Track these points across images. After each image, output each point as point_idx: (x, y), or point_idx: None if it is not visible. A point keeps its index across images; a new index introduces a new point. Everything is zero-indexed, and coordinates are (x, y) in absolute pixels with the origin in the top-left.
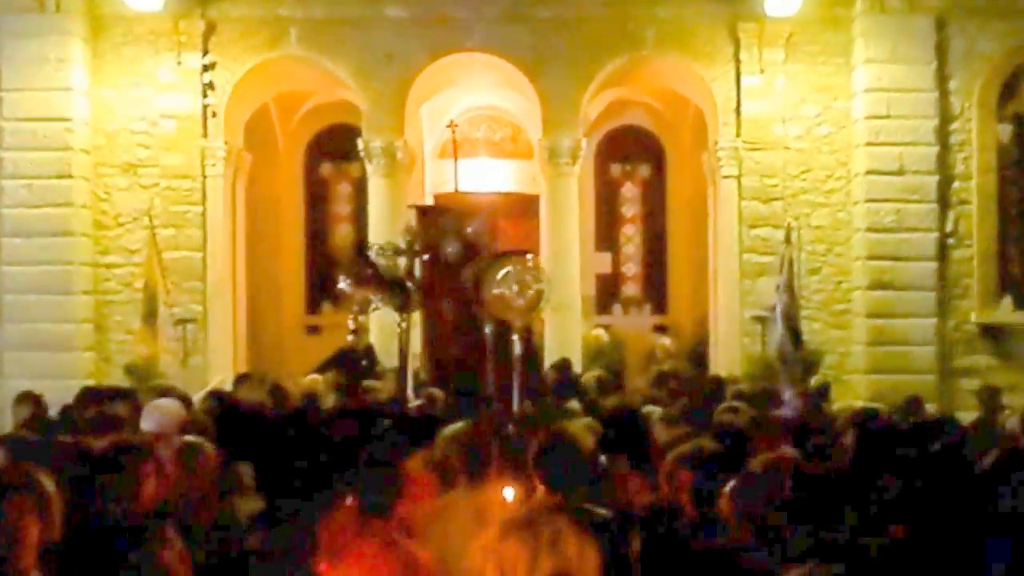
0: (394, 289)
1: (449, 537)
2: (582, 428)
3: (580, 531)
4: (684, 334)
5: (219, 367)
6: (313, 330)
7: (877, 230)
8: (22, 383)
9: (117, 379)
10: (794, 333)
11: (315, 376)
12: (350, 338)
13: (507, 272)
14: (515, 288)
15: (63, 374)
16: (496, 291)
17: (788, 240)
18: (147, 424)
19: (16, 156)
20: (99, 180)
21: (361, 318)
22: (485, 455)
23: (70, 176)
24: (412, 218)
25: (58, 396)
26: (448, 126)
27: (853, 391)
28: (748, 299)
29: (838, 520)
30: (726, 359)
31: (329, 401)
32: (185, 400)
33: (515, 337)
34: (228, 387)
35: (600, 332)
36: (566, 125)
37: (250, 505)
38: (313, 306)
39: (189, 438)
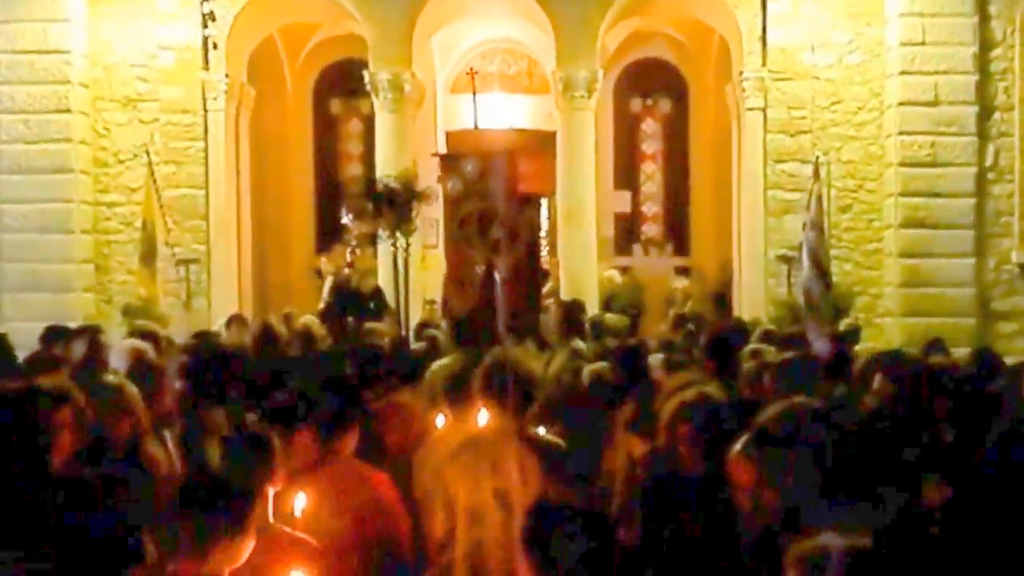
0: (399, 223)
1: (432, 465)
2: (531, 354)
3: (524, 455)
4: (707, 276)
5: (224, 310)
6: (321, 273)
7: (911, 164)
8: (21, 325)
9: (117, 321)
10: (822, 274)
11: (311, 317)
12: (346, 271)
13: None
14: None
15: (63, 315)
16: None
17: (817, 175)
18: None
19: (13, 90)
20: (98, 115)
21: (358, 252)
22: (465, 388)
23: (68, 111)
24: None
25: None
26: (468, 73)
27: (885, 335)
28: (773, 238)
29: (868, 481)
30: (750, 302)
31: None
32: (164, 342)
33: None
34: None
35: (613, 274)
36: (582, 56)
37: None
38: (323, 248)
39: (109, 378)
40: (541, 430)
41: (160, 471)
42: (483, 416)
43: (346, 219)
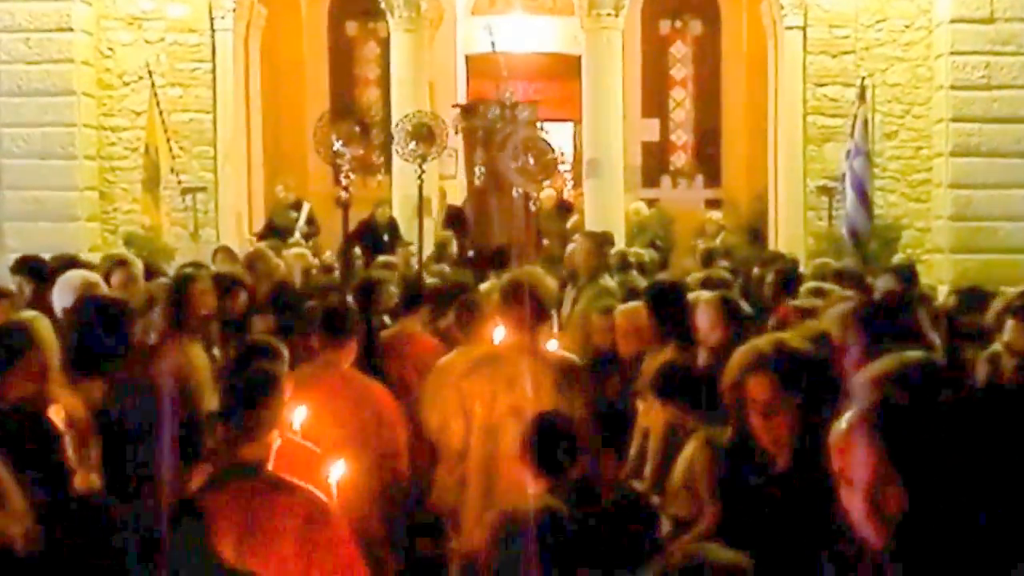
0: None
1: (451, 380)
2: (543, 273)
3: (539, 371)
4: (740, 209)
5: (232, 242)
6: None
7: (963, 87)
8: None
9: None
10: (868, 205)
11: (301, 250)
12: (343, 195)
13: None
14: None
15: (65, 245)
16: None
17: (862, 98)
18: (57, 302)
19: (13, 6)
20: (102, 34)
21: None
22: (478, 314)
23: (71, 29)
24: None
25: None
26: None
27: (934, 272)
28: (813, 168)
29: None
30: (788, 236)
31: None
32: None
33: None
34: None
35: (640, 205)
36: None
37: None
38: (340, 177)
39: (27, 314)
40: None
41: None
42: (500, 333)
43: (337, 145)
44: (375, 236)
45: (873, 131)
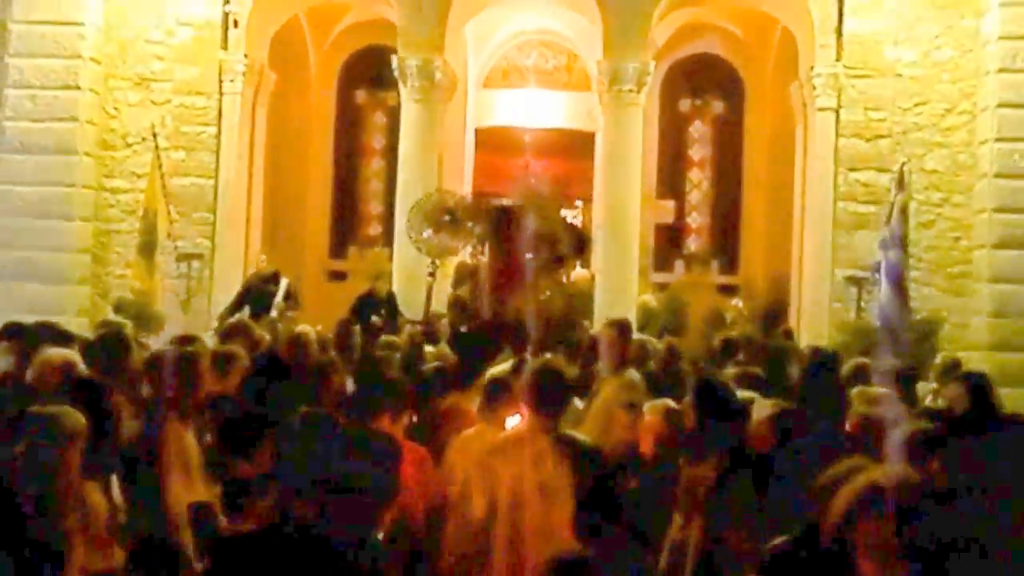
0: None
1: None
2: (563, 361)
3: (560, 453)
4: (756, 297)
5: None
6: (337, 276)
7: (1008, 176)
8: (10, 317)
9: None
10: (905, 299)
11: (305, 326)
12: (428, 279)
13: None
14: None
15: (55, 308)
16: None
17: (901, 184)
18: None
19: (22, 63)
20: (108, 94)
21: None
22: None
23: (77, 87)
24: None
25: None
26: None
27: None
28: (842, 256)
29: None
30: (811, 327)
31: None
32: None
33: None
34: None
35: (648, 299)
36: (632, 45)
37: None
38: (338, 250)
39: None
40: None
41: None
42: (522, 416)
43: (427, 233)
44: (374, 311)
45: (910, 220)
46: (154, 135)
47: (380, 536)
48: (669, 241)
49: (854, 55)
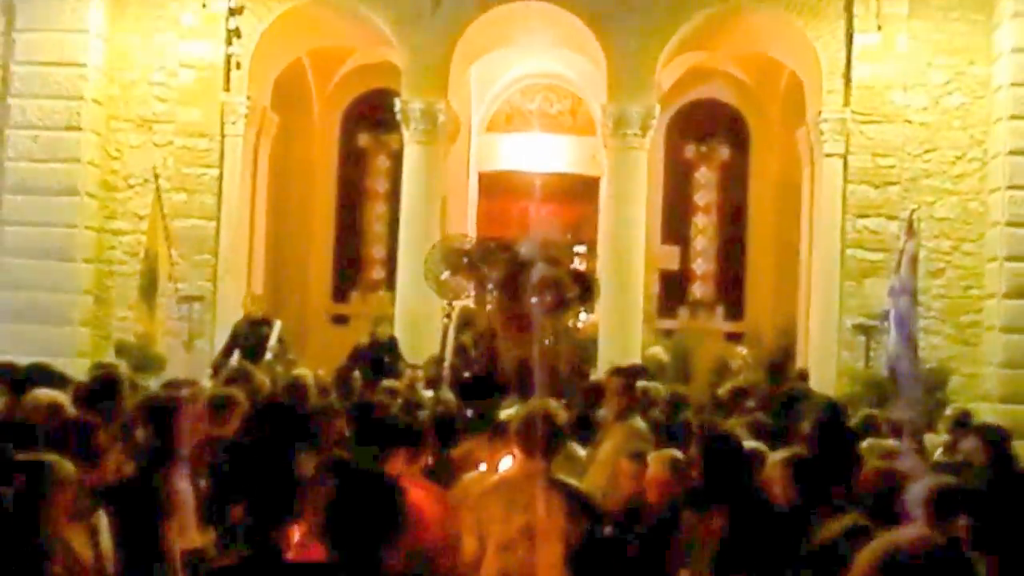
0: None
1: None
2: (558, 407)
3: (551, 497)
4: (762, 345)
5: None
6: (339, 320)
7: (1019, 224)
8: (11, 358)
9: (111, 358)
10: (915, 347)
11: (303, 370)
12: (445, 320)
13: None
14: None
15: (56, 349)
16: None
17: (911, 231)
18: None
19: (25, 103)
20: (111, 135)
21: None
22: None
23: (79, 128)
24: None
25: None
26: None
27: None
28: (850, 304)
29: None
30: (820, 376)
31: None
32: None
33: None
34: None
35: (658, 351)
36: (637, 89)
37: None
38: (340, 294)
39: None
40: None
41: None
42: (515, 459)
43: (445, 275)
44: (375, 356)
45: (919, 268)
46: (156, 177)
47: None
48: (674, 287)
49: (863, 101)
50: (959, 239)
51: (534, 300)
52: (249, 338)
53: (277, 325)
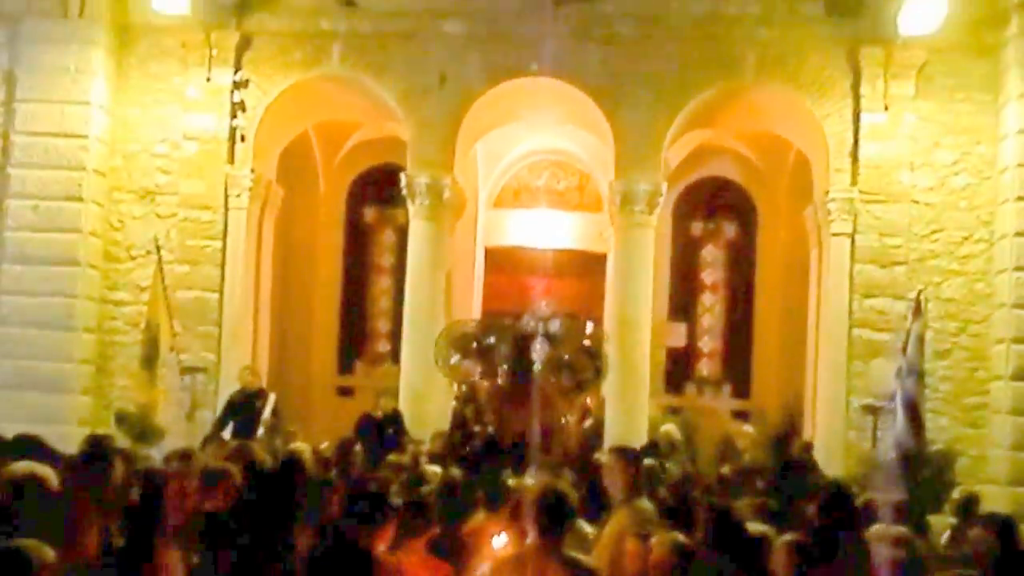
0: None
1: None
2: (570, 486)
3: (564, 573)
4: (769, 423)
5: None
6: (344, 392)
7: None
8: (11, 426)
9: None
10: (921, 429)
11: (301, 444)
12: (454, 403)
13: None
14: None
15: (56, 418)
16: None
17: (919, 312)
18: None
19: (24, 174)
20: (113, 206)
21: (461, 388)
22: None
23: (80, 199)
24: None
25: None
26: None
27: (989, 506)
28: (857, 384)
29: None
30: (826, 456)
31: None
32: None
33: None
34: None
35: (671, 429)
36: (645, 166)
37: None
38: (345, 366)
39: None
40: None
41: None
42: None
43: (455, 359)
44: (379, 429)
45: (926, 349)
46: (157, 248)
47: None
48: (680, 364)
49: (870, 180)
50: (965, 320)
51: (551, 380)
52: (243, 411)
53: (271, 398)
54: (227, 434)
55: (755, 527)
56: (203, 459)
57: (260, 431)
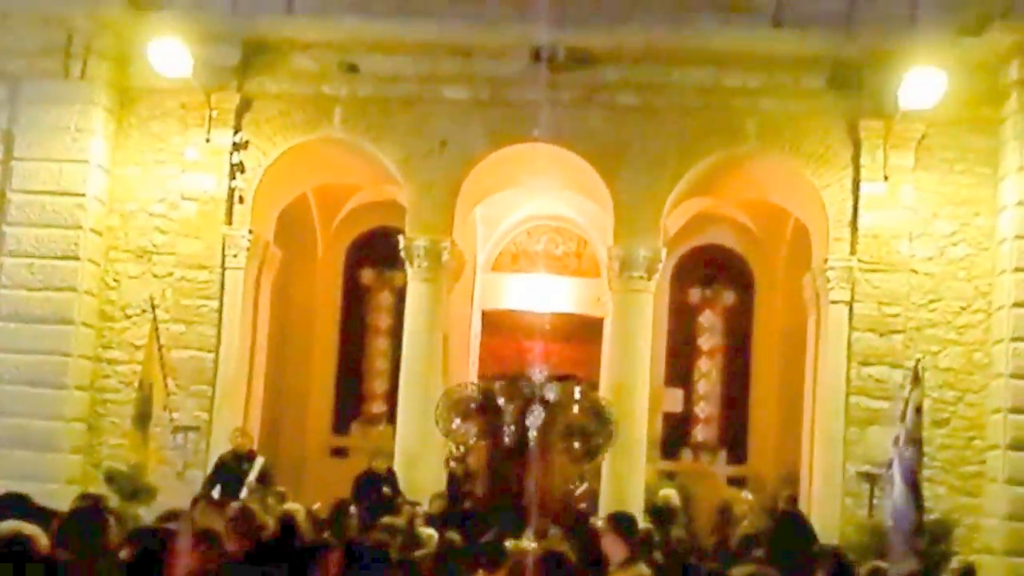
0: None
1: None
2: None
3: None
4: (766, 490)
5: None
6: (339, 453)
7: (1023, 376)
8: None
9: (101, 487)
10: (919, 498)
11: (294, 504)
12: (453, 464)
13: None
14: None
15: (46, 476)
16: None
17: (917, 381)
18: None
19: (20, 232)
20: (109, 265)
21: (459, 450)
22: None
23: (76, 258)
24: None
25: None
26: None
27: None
28: (854, 451)
29: None
30: (823, 524)
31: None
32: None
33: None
34: None
35: (671, 494)
36: (644, 232)
37: None
38: (341, 426)
39: None
40: None
41: None
42: None
43: (455, 423)
44: (374, 490)
45: (923, 418)
46: (152, 307)
47: None
48: (676, 429)
49: (869, 249)
50: (963, 389)
51: (561, 447)
52: (232, 473)
53: (259, 462)
54: (215, 495)
55: None
56: (195, 519)
57: (243, 493)
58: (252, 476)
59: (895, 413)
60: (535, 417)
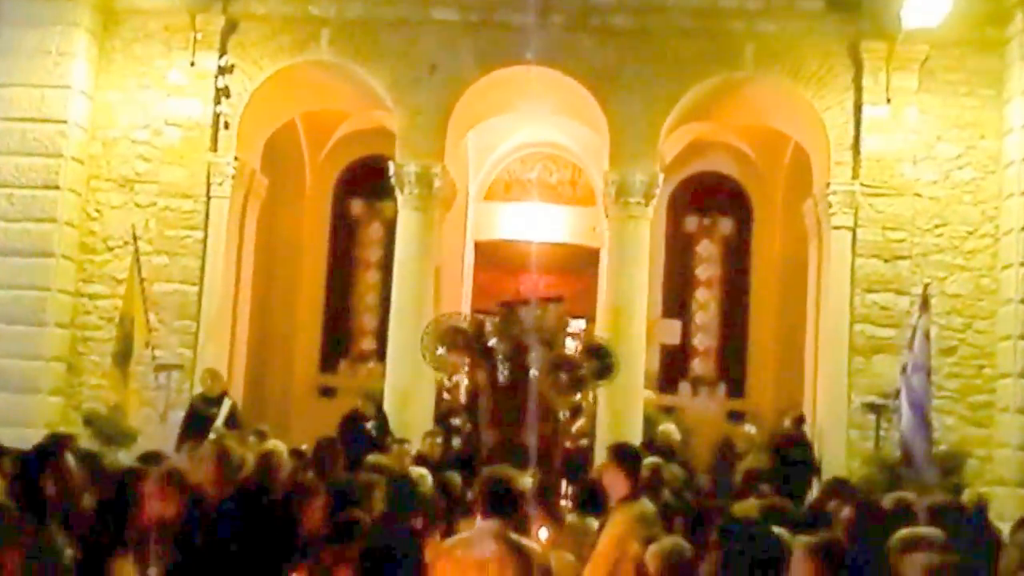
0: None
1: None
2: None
3: (504, 555)
4: (765, 423)
5: None
6: (327, 392)
7: None
8: None
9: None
10: (928, 427)
11: (276, 442)
12: (446, 396)
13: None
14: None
15: (24, 420)
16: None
17: (926, 306)
18: None
19: (1, 161)
20: (91, 195)
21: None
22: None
23: (57, 187)
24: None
25: (13, 446)
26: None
27: (996, 508)
28: (859, 382)
29: None
30: (827, 456)
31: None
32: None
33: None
34: None
35: (671, 429)
36: (640, 157)
37: None
38: (328, 364)
39: None
40: None
41: None
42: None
43: (440, 351)
44: (361, 430)
45: (931, 345)
46: (135, 238)
47: None
48: (674, 363)
49: (872, 173)
50: (971, 316)
51: (547, 378)
52: (201, 417)
53: (226, 404)
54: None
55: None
56: (175, 463)
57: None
58: (219, 421)
59: (902, 341)
60: (536, 359)
